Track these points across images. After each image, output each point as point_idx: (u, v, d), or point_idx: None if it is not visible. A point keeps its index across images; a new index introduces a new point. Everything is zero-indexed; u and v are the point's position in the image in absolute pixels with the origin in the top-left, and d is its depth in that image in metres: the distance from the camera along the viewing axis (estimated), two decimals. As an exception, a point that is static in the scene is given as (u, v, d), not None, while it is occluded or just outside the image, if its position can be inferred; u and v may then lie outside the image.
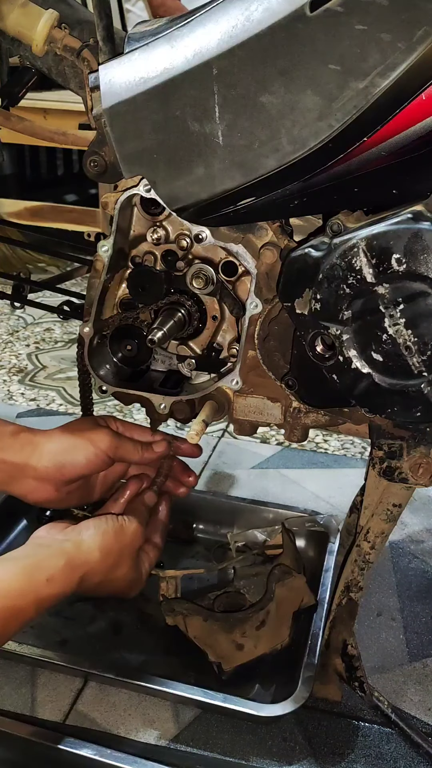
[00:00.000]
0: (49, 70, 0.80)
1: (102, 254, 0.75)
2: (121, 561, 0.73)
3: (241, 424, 0.80)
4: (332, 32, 0.55)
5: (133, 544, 0.75)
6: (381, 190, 0.61)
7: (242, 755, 0.79)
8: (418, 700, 0.87)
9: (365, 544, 0.76)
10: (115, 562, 0.73)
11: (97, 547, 0.71)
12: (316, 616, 0.88)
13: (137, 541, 0.76)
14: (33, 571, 0.66)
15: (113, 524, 0.74)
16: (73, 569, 0.68)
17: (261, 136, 0.60)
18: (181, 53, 0.62)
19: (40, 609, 0.65)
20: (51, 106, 1.95)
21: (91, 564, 0.70)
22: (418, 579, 1.07)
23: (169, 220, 0.75)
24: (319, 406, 0.73)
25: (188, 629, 0.87)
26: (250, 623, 0.87)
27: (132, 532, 0.75)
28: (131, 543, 0.75)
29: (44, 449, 0.75)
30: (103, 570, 0.71)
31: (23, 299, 1.22)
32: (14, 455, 0.74)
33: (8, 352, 1.88)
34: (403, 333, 0.59)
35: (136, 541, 0.76)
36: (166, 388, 0.80)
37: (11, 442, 0.75)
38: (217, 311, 0.77)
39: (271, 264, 0.69)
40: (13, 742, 0.77)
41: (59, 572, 0.67)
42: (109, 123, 0.67)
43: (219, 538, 1.09)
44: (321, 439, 1.48)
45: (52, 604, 0.67)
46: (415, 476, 0.69)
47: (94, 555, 0.71)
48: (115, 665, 0.86)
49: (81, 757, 0.74)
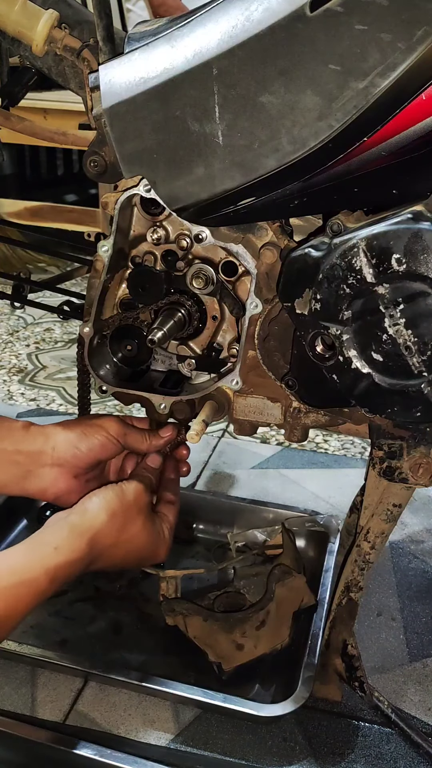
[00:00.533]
0: (49, 70, 0.80)
1: (102, 254, 0.75)
2: (129, 519, 0.73)
3: (241, 424, 0.80)
4: (332, 32, 0.55)
5: (138, 501, 0.75)
6: (381, 190, 0.61)
7: (242, 755, 0.79)
8: (418, 700, 0.87)
9: (365, 544, 0.76)
10: (123, 521, 0.72)
11: (101, 508, 0.71)
12: (316, 616, 0.88)
13: (142, 498, 0.75)
14: (37, 544, 0.67)
15: (114, 488, 0.74)
16: (80, 534, 0.69)
17: (261, 136, 0.60)
18: (181, 53, 0.62)
19: (54, 579, 0.65)
20: (51, 106, 1.95)
21: (97, 526, 0.70)
22: (418, 579, 1.07)
23: (169, 220, 0.75)
24: (319, 406, 0.73)
25: (188, 629, 0.87)
26: (250, 623, 0.87)
27: (133, 490, 0.75)
28: (135, 500, 0.74)
29: (57, 438, 0.76)
30: (112, 531, 0.71)
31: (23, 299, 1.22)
32: (29, 445, 0.75)
33: (8, 352, 1.88)
34: (403, 333, 0.59)
35: (140, 498, 0.75)
36: (166, 388, 0.80)
37: (23, 434, 0.76)
38: (217, 311, 0.77)
39: (271, 264, 0.69)
40: (13, 742, 0.77)
41: (65, 540, 0.67)
42: (109, 123, 0.67)
43: (219, 538, 1.09)
44: (321, 439, 1.48)
45: (67, 573, 0.66)
46: (415, 476, 0.69)
47: (99, 517, 0.71)
48: (115, 665, 0.86)
49: (81, 757, 0.75)
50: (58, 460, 0.75)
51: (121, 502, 0.73)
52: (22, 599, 0.63)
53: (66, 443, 0.76)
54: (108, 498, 0.72)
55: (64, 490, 0.76)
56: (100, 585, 1.01)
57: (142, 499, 0.75)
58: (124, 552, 0.73)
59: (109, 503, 0.72)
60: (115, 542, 0.72)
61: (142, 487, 0.75)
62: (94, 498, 0.72)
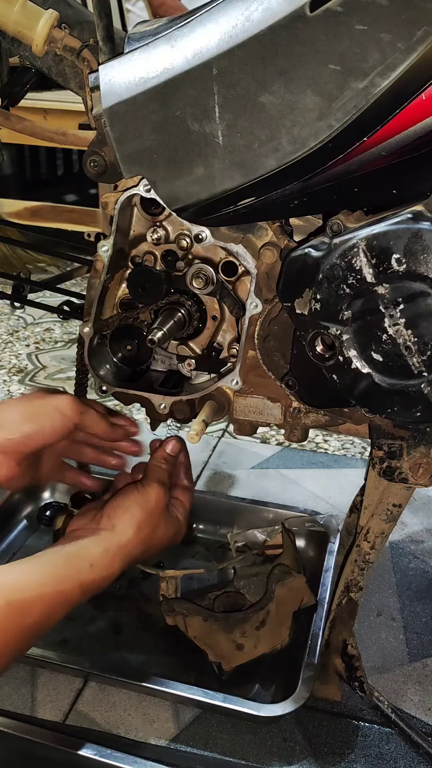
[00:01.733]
0: (49, 70, 0.80)
1: (102, 254, 0.75)
2: (154, 527, 0.74)
3: (241, 424, 0.80)
4: (332, 32, 0.55)
5: (159, 506, 0.75)
6: (381, 190, 0.61)
7: (242, 755, 0.79)
8: (418, 700, 0.87)
9: (365, 544, 0.76)
10: (150, 531, 0.74)
11: (129, 525, 0.72)
12: (316, 616, 0.88)
13: (162, 501, 0.76)
14: (75, 558, 0.68)
15: (136, 498, 0.74)
16: (113, 554, 0.70)
17: (261, 136, 0.60)
18: (181, 53, 0.62)
19: (86, 592, 0.67)
20: (51, 106, 1.95)
21: (128, 543, 0.72)
22: (418, 579, 1.07)
23: (169, 220, 0.75)
24: (319, 406, 0.73)
25: (188, 629, 0.87)
26: (250, 623, 0.87)
27: (155, 496, 0.75)
28: (157, 506, 0.75)
29: (6, 420, 0.72)
30: (141, 542, 0.73)
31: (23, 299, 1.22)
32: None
33: (8, 352, 1.88)
34: (403, 333, 0.59)
35: (161, 501, 0.76)
36: (166, 388, 0.80)
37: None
38: (217, 311, 0.77)
39: (271, 264, 0.69)
40: (13, 742, 0.77)
41: (99, 558, 0.69)
42: (109, 123, 0.67)
43: (219, 538, 1.09)
44: (321, 439, 1.48)
45: (99, 586, 0.69)
46: (415, 476, 0.69)
47: (127, 535, 0.72)
48: (115, 665, 0.86)
49: (81, 757, 0.75)
50: (4, 446, 0.71)
51: (146, 512, 0.74)
52: (58, 606, 0.65)
53: (14, 427, 0.72)
54: (134, 512, 0.73)
55: (5, 476, 0.74)
56: (100, 585, 1.01)
57: (162, 502, 0.76)
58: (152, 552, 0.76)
59: (134, 516, 0.73)
60: (145, 549, 0.74)
61: (162, 491, 0.76)
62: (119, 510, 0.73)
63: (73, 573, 0.67)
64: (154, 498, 0.75)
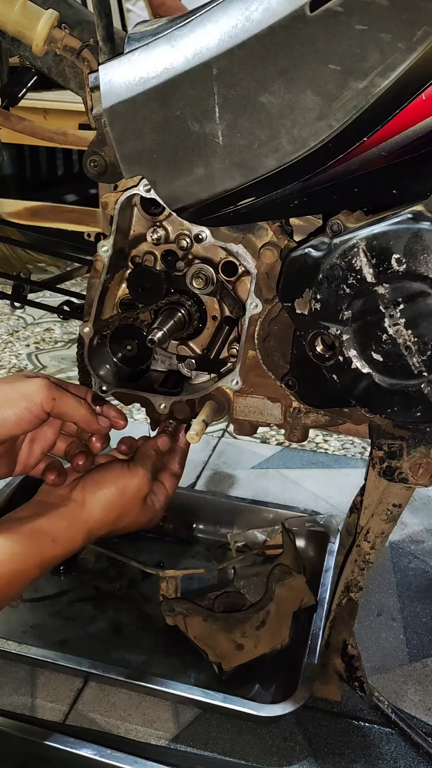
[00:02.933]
0: (49, 70, 0.80)
1: (102, 254, 0.75)
2: (125, 513, 0.72)
3: (241, 424, 0.80)
4: (332, 32, 0.55)
5: (138, 494, 0.73)
6: (381, 190, 0.61)
7: (242, 755, 0.79)
8: (418, 700, 0.87)
9: (365, 544, 0.76)
10: (120, 515, 0.72)
11: (100, 505, 0.70)
12: (316, 616, 0.88)
13: (143, 490, 0.73)
14: (38, 534, 0.66)
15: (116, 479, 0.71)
16: (76, 530, 0.69)
17: (261, 136, 0.60)
18: (181, 53, 0.62)
19: (45, 568, 0.66)
20: (51, 106, 1.95)
21: (94, 521, 0.70)
22: (418, 579, 1.07)
23: (169, 220, 0.75)
24: (319, 406, 0.73)
25: (188, 629, 0.87)
26: (250, 623, 0.87)
27: (137, 483, 0.72)
28: (136, 494, 0.72)
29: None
30: (108, 524, 0.71)
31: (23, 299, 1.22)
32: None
33: (8, 352, 1.88)
34: (403, 333, 0.59)
35: (141, 490, 0.73)
36: (166, 388, 0.80)
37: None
38: (217, 311, 0.77)
39: (271, 264, 0.69)
40: (13, 742, 0.77)
41: (62, 532, 0.67)
42: (109, 123, 0.67)
43: (219, 538, 1.09)
44: (321, 439, 1.48)
45: (57, 562, 0.67)
46: (415, 476, 0.69)
47: (95, 514, 0.70)
48: (115, 665, 0.86)
49: (81, 757, 0.75)
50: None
51: (122, 496, 0.71)
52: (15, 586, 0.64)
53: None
54: (108, 492, 0.70)
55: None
56: (100, 585, 1.01)
57: (142, 491, 0.73)
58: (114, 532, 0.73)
59: (108, 497, 0.70)
60: (109, 530, 0.72)
61: (145, 481, 0.73)
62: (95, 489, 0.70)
63: (35, 550, 0.65)
64: (135, 484, 0.72)
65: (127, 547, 1.05)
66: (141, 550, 1.05)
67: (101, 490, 0.71)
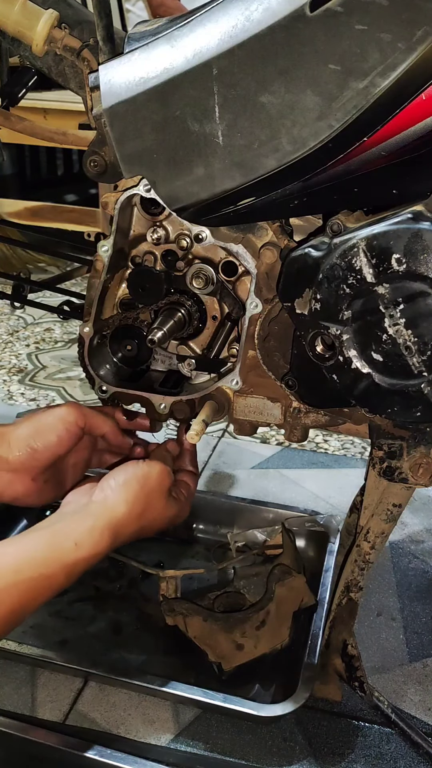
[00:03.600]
0: (49, 70, 0.80)
1: (102, 254, 0.75)
2: (149, 506, 0.71)
3: (241, 424, 0.80)
4: (332, 32, 0.55)
5: (162, 485, 0.73)
6: (381, 190, 0.61)
7: (242, 755, 0.79)
8: (418, 700, 0.87)
9: (365, 544, 0.76)
10: (145, 507, 0.71)
11: (123, 500, 0.69)
12: (316, 616, 0.88)
13: (165, 481, 0.73)
14: (58, 537, 0.65)
15: (135, 471, 0.72)
16: (101, 529, 0.67)
17: (261, 136, 0.60)
18: (181, 53, 0.62)
19: (71, 574, 0.64)
20: (51, 106, 1.95)
21: (119, 518, 0.69)
22: (418, 579, 1.07)
23: (169, 220, 0.75)
24: (319, 406, 0.73)
25: (188, 629, 0.87)
26: (250, 623, 0.87)
27: (157, 474, 0.72)
28: (159, 485, 0.72)
29: (12, 438, 0.73)
30: (134, 519, 0.70)
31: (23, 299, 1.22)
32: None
33: (8, 352, 1.88)
34: (403, 333, 0.59)
35: (164, 481, 0.73)
36: (166, 388, 0.80)
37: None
38: (217, 311, 0.77)
39: (271, 264, 0.69)
40: (13, 742, 0.77)
41: (85, 535, 0.66)
42: (109, 123, 0.67)
43: (219, 538, 1.09)
44: (321, 439, 1.48)
45: (85, 567, 0.66)
46: (415, 476, 0.69)
47: (119, 509, 0.69)
48: (115, 665, 0.86)
49: (81, 757, 0.74)
50: (15, 464, 0.73)
51: (143, 487, 0.71)
52: (39, 593, 0.63)
53: (22, 445, 0.73)
54: (128, 483, 0.70)
55: (21, 493, 0.75)
56: (100, 585, 1.01)
57: (165, 481, 0.73)
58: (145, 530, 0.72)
59: (129, 491, 0.70)
60: (138, 528, 0.71)
61: (165, 470, 0.73)
62: (114, 482, 0.71)
63: (56, 554, 0.64)
64: (155, 475, 0.72)
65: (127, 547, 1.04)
66: (141, 550, 1.05)
67: (121, 486, 0.70)
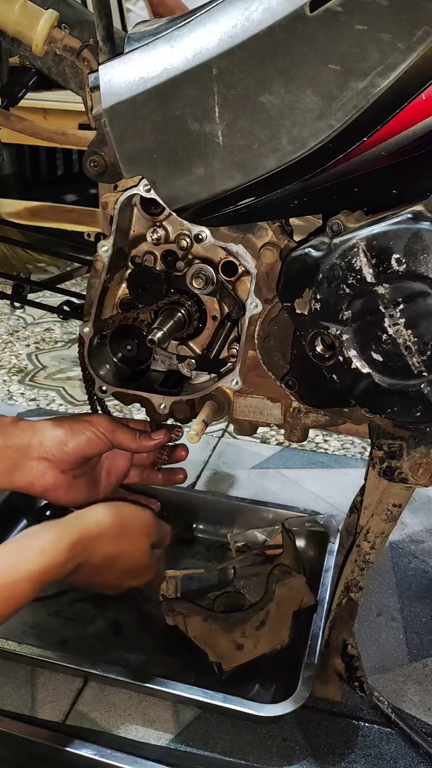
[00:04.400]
0: (49, 70, 0.80)
1: (102, 254, 0.75)
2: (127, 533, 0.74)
3: (241, 424, 0.80)
4: (332, 32, 0.55)
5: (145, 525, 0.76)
6: (381, 190, 0.61)
7: (242, 755, 0.79)
8: (418, 700, 0.87)
9: (365, 544, 0.76)
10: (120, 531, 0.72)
11: (101, 514, 0.72)
12: (316, 616, 0.88)
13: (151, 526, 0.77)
14: (24, 546, 0.66)
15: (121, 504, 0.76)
16: (69, 536, 0.67)
17: (261, 136, 0.60)
18: (181, 53, 0.62)
19: (36, 584, 0.64)
20: (51, 106, 1.95)
21: (91, 531, 0.69)
22: (418, 579, 1.07)
23: (169, 220, 0.75)
24: (319, 406, 0.73)
25: (188, 629, 0.87)
26: (250, 623, 0.87)
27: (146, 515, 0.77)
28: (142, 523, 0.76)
29: (45, 432, 0.76)
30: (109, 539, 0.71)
31: (23, 299, 1.22)
32: (17, 439, 0.75)
33: (8, 352, 1.88)
34: (403, 333, 0.59)
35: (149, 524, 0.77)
36: (166, 388, 0.80)
37: (12, 429, 0.76)
38: (217, 311, 0.77)
39: (271, 264, 0.69)
40: (13, 742, 0.77)
41: (51, 542, 0.66)
42: (109, 123, 0.67)
43: (219, 538, 1.09)
44: (321, 439, 1.48)
45: (50, 577, 0.65)
46: (415, 476, 0.69)
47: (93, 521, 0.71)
48: (115, 665, 0.86)
49: (81, 757, 0.75)
50: (45, 453, 0.75)
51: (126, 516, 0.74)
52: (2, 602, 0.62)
53: (53, 438, 0.76)
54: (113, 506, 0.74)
55: (51, 483, 0.76)
56: (100, 585, 1.01)
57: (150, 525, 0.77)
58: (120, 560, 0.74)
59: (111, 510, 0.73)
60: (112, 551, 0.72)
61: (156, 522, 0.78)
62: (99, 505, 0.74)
63: (21, 563, 0.63)
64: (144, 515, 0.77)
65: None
66: (141, 550, 1.05)
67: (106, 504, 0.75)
